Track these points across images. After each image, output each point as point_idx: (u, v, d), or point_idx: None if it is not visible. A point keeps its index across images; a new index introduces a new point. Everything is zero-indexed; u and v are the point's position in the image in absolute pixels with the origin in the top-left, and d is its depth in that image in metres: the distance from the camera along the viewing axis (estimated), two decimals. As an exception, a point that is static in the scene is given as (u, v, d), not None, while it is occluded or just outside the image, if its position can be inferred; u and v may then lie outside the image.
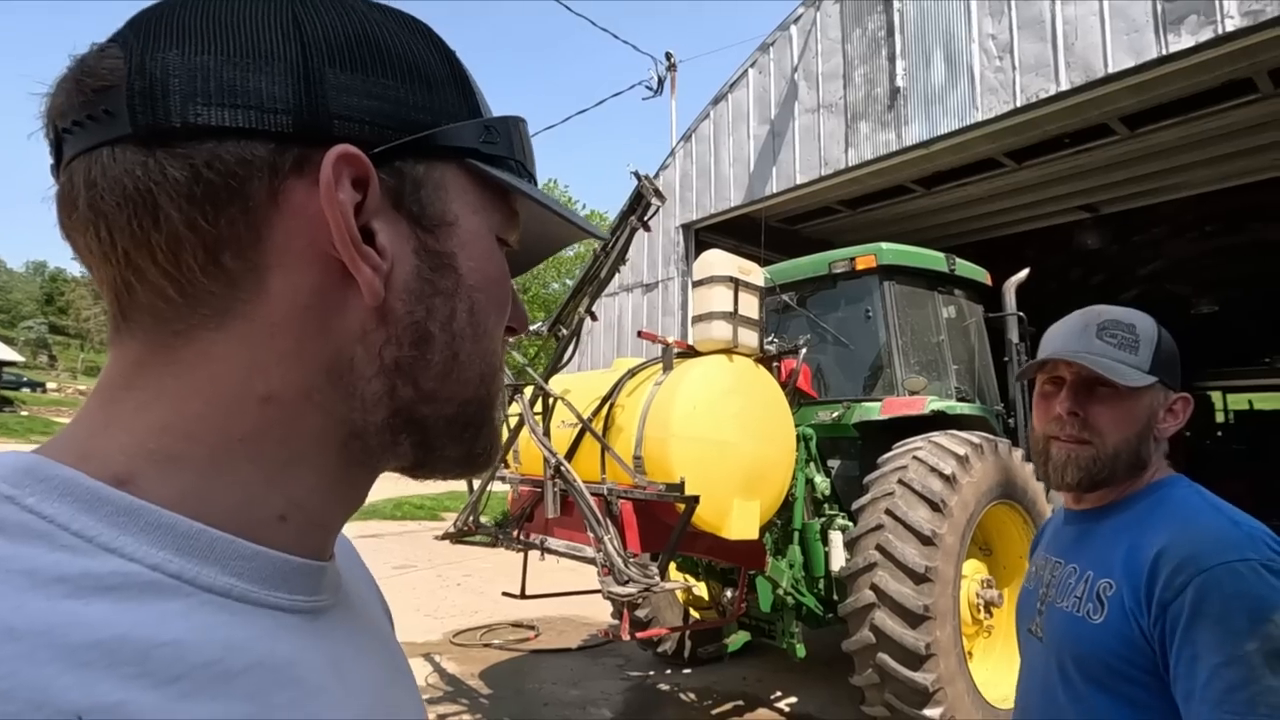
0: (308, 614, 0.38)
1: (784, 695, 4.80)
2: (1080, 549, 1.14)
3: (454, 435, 0.43)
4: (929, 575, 3.38)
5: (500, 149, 0.42)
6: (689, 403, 3.23)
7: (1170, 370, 1.11)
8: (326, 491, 0.40)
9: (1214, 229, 11.32)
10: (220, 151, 0.34)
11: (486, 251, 0.43)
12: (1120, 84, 5.60)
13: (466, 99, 0.42)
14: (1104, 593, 1.03)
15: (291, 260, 0.36)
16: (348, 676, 0.39)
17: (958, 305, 5.14)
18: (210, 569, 0.34)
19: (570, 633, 6.12)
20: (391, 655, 0.48)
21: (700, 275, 3.54)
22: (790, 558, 4.12)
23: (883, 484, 3.69)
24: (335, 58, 0.37)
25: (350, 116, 0.36)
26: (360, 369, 0.38)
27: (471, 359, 0.42)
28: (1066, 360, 1.13)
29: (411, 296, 0.39)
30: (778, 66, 8.27)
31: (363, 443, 0.40)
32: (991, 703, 3.64)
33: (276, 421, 0.37)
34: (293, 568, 0.38)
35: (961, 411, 4.45)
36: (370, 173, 0.37)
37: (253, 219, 0.35)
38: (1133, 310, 1.15)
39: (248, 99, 0.34)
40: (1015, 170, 7.85)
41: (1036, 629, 1.17)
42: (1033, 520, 4.15)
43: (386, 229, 0.38)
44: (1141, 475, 1.12)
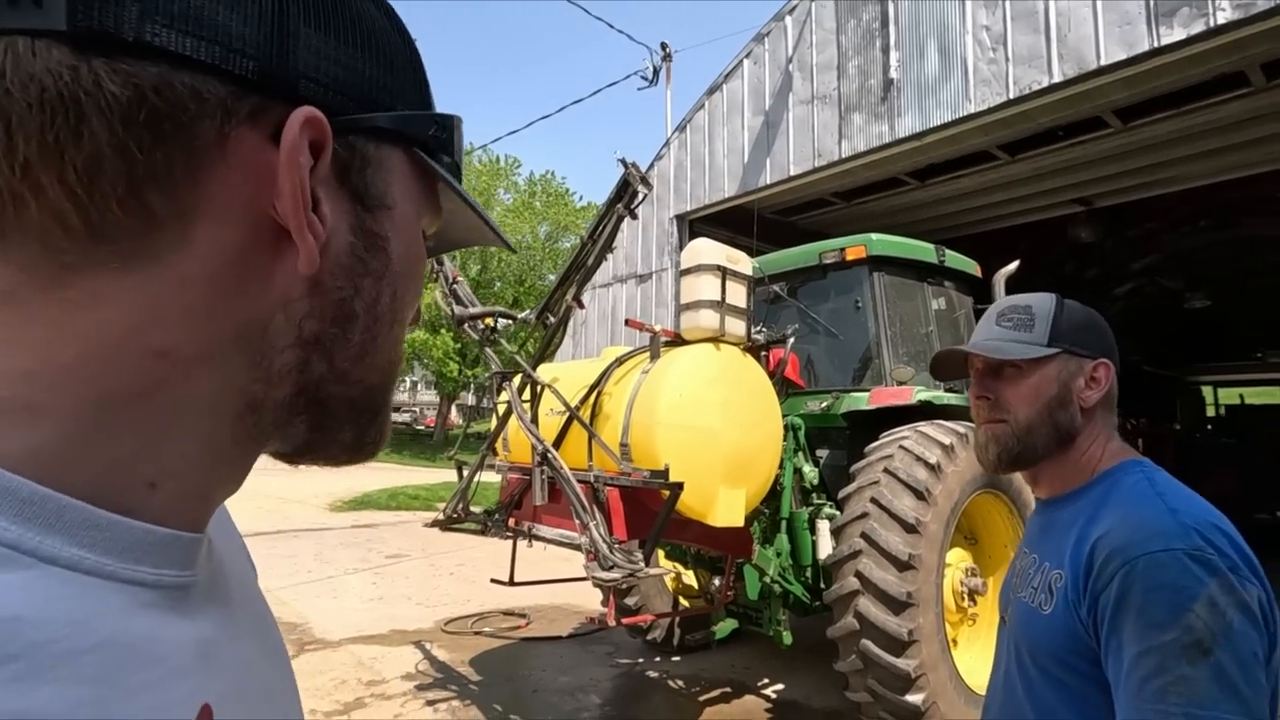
0: (173, 589, 0.35)
1: (771, 682, 4.85)
2: (1042, 539, 1.15)
3: (352, 418, 0.42)
4: (912, 563, 3.41)
5: (442, 145, 0.42)
6: (675, 391, 3.24)
7: (1080, 338, 1.13)
8: (208, 463, 0.37)
9: (1206, 223, 11.34)
10: (173, 79, 0.31)
11: (414, 239, 0.43)
12: (1113, 76, 5.61)
13: (421, 88, 0.42)
14: (1054, 584, 1.04)
15: (224, 212, 0.34)
16: (216, 655, 0.36)
17: (947, 296, 5.15)
18: (54, 539, 0.30)
19: (561, 621, 6.16)
20: (265, 633, 0.46)
21: (688, 264, 3.55)
22: (778, 546, 4.16)
23: (869, 473, 3.71)
24: (311, 15, 0.35)
25: (317, 79, 0.35)
26: (274, 338, 0.37)
27: (385, 344, 0.41)
28: (967, 351, 1.20)
29: (342, 272, 0.38)
30: (772, 57, 8.25)
31: (258, 417, 0.37)
32: (974, 689, 3.68)
33: (166, 380, 0.33)
34: (156, 539, 0.34)
35: (948, 402, 4.47)
36: (328, 140, 0.36)
37: (193, 161, 0.32)
38: (1034, 294, 1.20)
39: (214, 32, 0.32)
40: (1009, 163, 7.85)
41: (1006, 616, 1.19)
42: (1018, 510, 4.18)
43: (330, 200, 0.37)
44: (1078, 451, 1.13)
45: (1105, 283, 14.25)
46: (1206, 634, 0.83)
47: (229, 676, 0.37)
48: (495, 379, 3.86)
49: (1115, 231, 10.72)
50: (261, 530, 10.37)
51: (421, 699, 4.46)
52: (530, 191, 29.22)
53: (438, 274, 4.09)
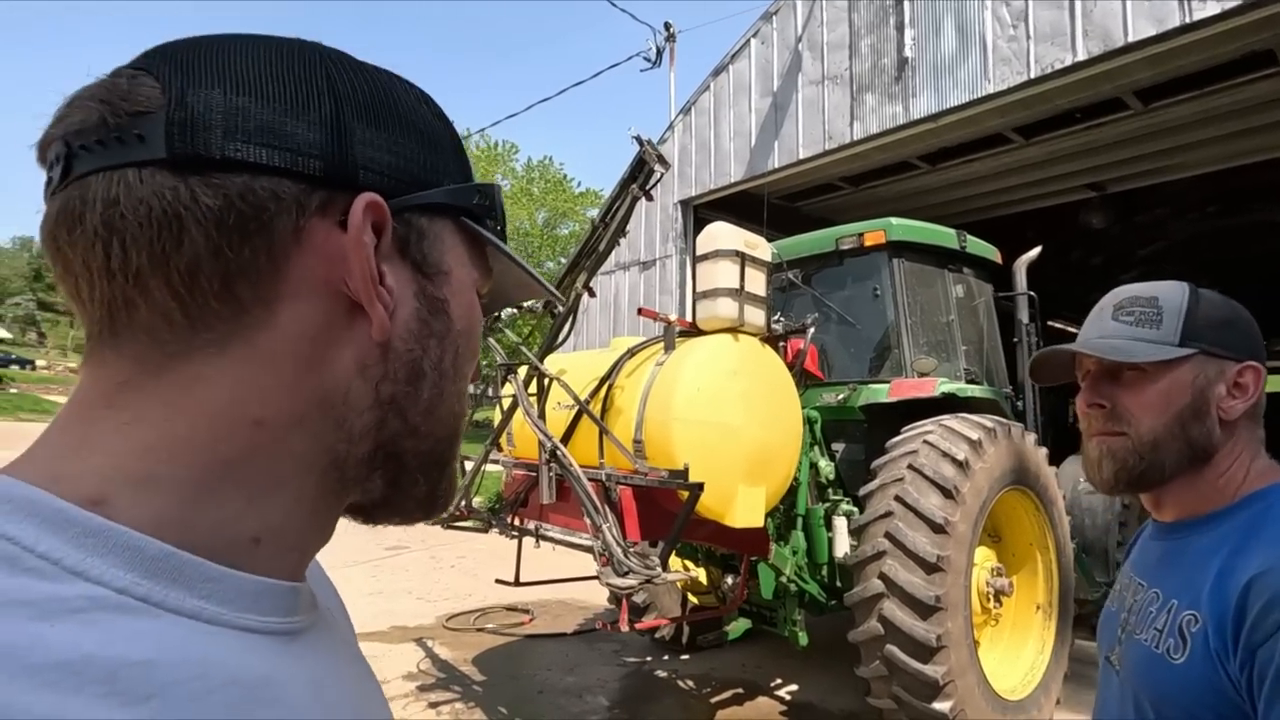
0: (283, 635, 0.39)
1: (784, 683, 4.71)
2: (1164, 571, 0.97)
3: (425, 471, 0.45)
4: (940, 564, 3.25)
5: (486, 211, 0.46)
6: (692, 384, 3.06)
7: (1220, 336, 0.95)
8: (302, 517, 0.41)
9: (1215, 209, 11.15)
10: (255, 185, 0.36)
11: (470, 302, 0.47)
12: (1139, 54, 5.39)
13: (462, 163, 0.46)
14: (1187, 627, 0.86)
15: (303, 293, 0.38)
16: (325, 695, 0.40)
17: (967, 284, 4.97)
18: (178, 591, 0.34)
19: (566, 617, 6.01)
20: (364, 675, 0.49)
21: (705, 249, 3.35)
22: (794, 544, 3.99)
23: (892, 469, 3.54)
24: (362, 114, 0.40)
25: (372, 168, 0.40)
26: (355, 401, 0.41)
27: (450, 399, 0.45)
28: (1084, 353, 1.01)
29: (411, 336, 0.42)
30: (781, 36, 7.99)
31: (341, 473, 0.41)
32: (1001, 694, 3.54)
33: (265, 446, 0.38)
34: (263, 589, 0.38)
35: (972, 394, 4.30)
36: (388, 220, 0.40)
37: (274, 252, 0.37)
38: (1161, 282, 1.01)
39: (285, 141, 0.37)
40: (1023, 146, 7.64)
41: (1115, 660, 1.01)
42: (1044, 507, 4.02)
43: (394, 272, 0.41)
44: (1214, 471, 0.94)
45: (1111, 270, 14.06)
46: None
47: (338, 714, 0.41)
48: (499, 371, 3.67)
49: (1125, 217, 10.52)
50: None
51: (423, 700, 4.31)
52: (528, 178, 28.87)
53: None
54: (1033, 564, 4.08)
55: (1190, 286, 0.99)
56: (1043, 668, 3.88)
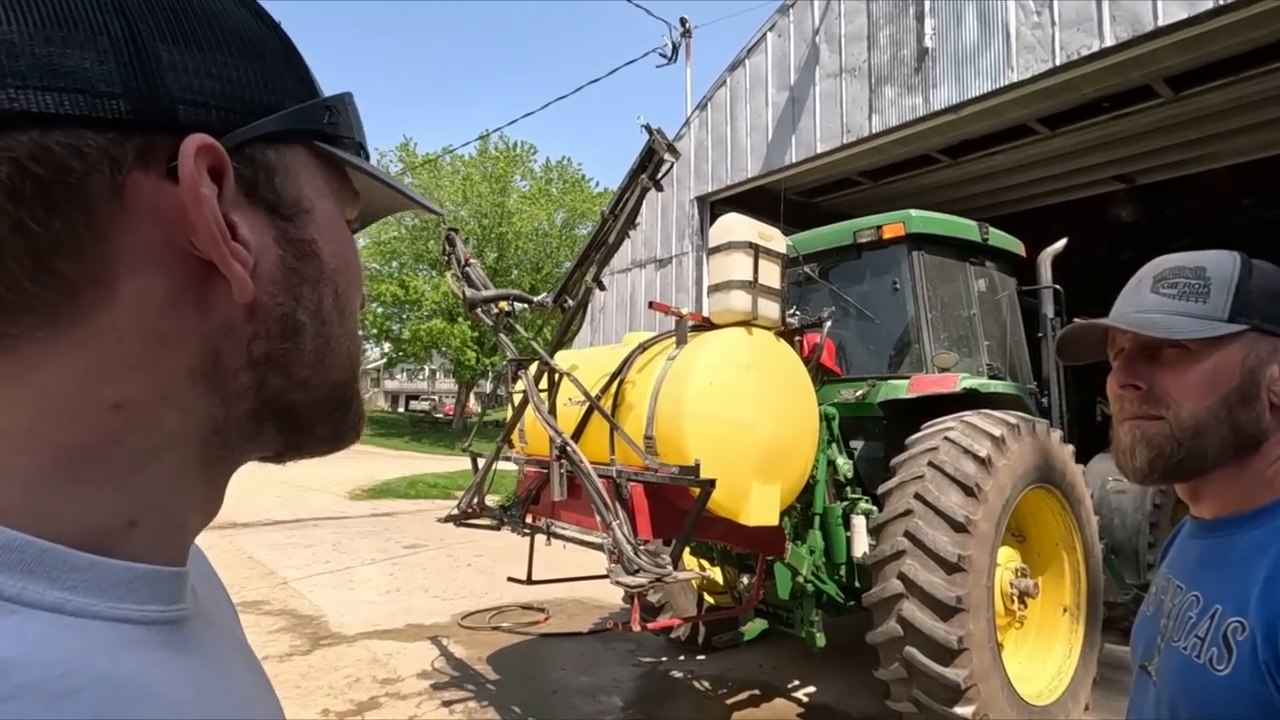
0: (163, 625, 0.36)
1: (801, 684, 4.62)
2: (1205, 573, 0.88)
3: (323, 416, 0.42)
4: (961, 564, 3.15)
5: (342, 128, 0.41)
6: (704, 378, 2.99)
7: (1275, 311, 0.85)
8: (182, 491, 0.38)
9: (1250, 201, 10.81)
10: (46, 142, 0.30)
11: (341, 234, 0.42)
12: (1169, 39, 5.22)
13: (302, 76, 0.40)
14: (1233, 635, 0.78)
15: (142, 261, 0.33)
16: (208, 689, 0.37)
17: (990, 277, 4.84)
18: (37, 584, 0.31)
19: (581, 616, 5.97)
20: (252, 666, 0.46)
21: (717, 241, 3.28)
22: (811, 543, 3.91)
23: (911, 466, 3.45)
24: (166, 30, 0.33)
25: (195, 100, 0.34)
26: (226, 365, 0.37)
27: (339, 342, 0.42)
28: (1119, 328, 0.91)
29: (278, 288, 0.38)
30: (798, 29, 7.89)
31: (222, 438, 0.38)
32: (1026, 699, 3.43)
33: (128, 427, 0.35)
34: (139, 575, 0.35)
35: (995, 390, 4.18)
36: (226, 163, 0.35)
37: (94, 219, 0.32)
38: (1207, 251, 0.91)
39: (71, 80, 0.30)
40: (1048, 138, 7.45)
41: (1152, 670, 0.92)
42: (1070, 505, 3.90)
43: (246, 220, 0.37)
44: (1260, 456, 0.85)
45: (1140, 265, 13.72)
46: None
47: (222, 710, 0.38)
48: (510, 366, 3.63)
49: (1154, 211, 10.25)
50: (280, 519, 10.32)
51: (437, 699, 4.29)
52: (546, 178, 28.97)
53: (449, 256, 3.86)
54: (1059, 565, 3.96)
55: (1241, 255, 0.89)
56: (1070, 672, 3.76)
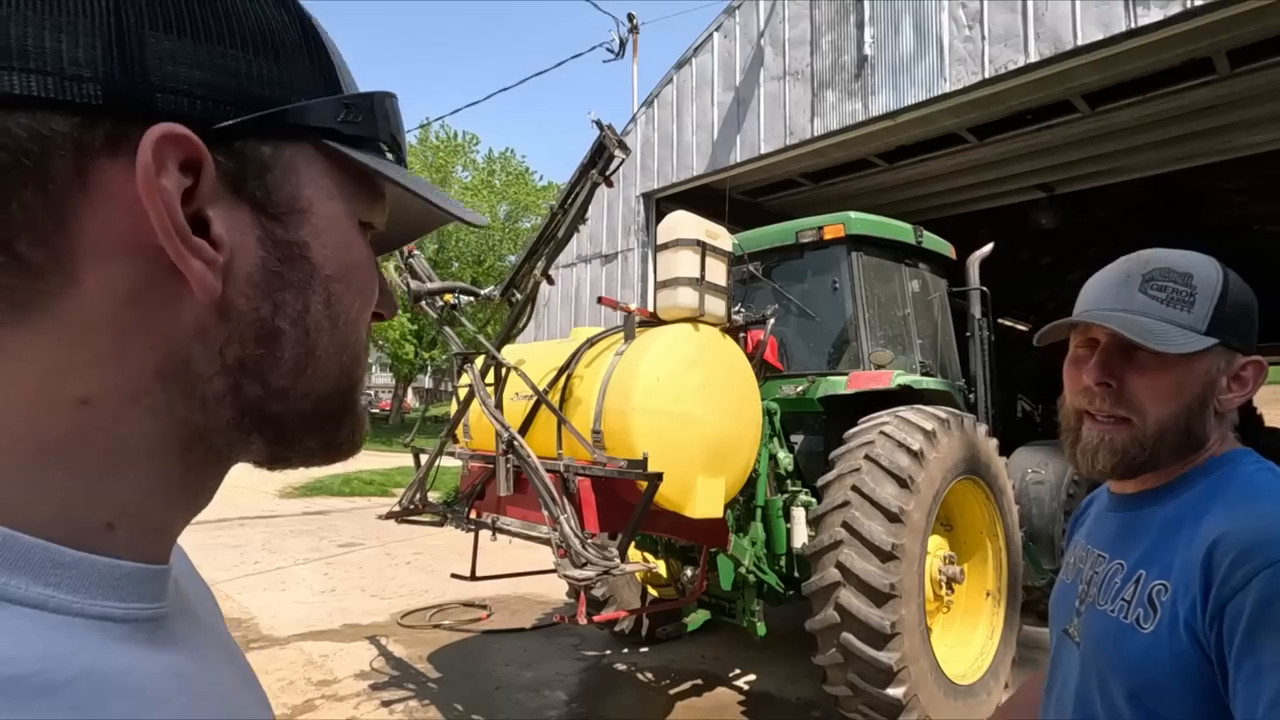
0: (144, 622, 0.35)
1: (742, 673, 4.73)
2: (1127, 541, 0.96)
3: (311, 428, 0.40)
4: (896, 553, 3.29)
5: (362, 128, 0.39)
6: (652, 374, 3.03)
7: (1237, 328, 0.90)
8: (163, 496, 0.37)
9: (1156, 212, 11.63)
10: (9, 124, 0.30)
11: (345, 238, 0.40)
12: (1086, 58, 5.55)
13: (323, 70, 0.38)
14: (1156, 596, 0.86)
15: (108, 251, 0.32)
16: (193, 685, 0.37)
17: (923, 278, 5.05)
18: (21, 579, 0.31)
19: (524, 612, 5.94)
20: (236, 661, 0.46)
21: (665, 238, 3.32)
22: (752, 535, 4.01)
23: (849, 460, 3.58)
24: (159, 17, 0.32)
25: (177, 89, 0.32)
26: (198, 369, 0.35)
27: (329, 353, 0.39)
28: (1109, 327, 0.92)
29: (256, 291, 0.36)
30: (743, 31, 8.01)
31: (206, 444, 0.37)
32: (952, 679, 3.61)
33: (96, 426, 0.33)
34: (123, 574, 0.35)
35: (927, 386, 4.38)
36: (203, 155, 0.33)
37: (55, 204, 0.31)
38: (1193, 254, 0.94)
39: (44, 62, 0.30)
40: (977, 146, 7.82)
41: (1074, 631, 1.00)
42: (994, 496, 4.12)
43: (224, 217, 0.35)
44: (1196, 453, 0.94)
45: (1058, 269, 14.58)
46: None
47: (207, 706, 0.38)
48: (456, 360, 3.58)
49: (1072, 219, 10.88)
50: (204, 519, 9.84)
51: (376, 699, 4.20)
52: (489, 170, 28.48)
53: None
54: (983, 552, 4.18)
55: (1222, 265, 0.93)
56: (992, 652, 3.98)
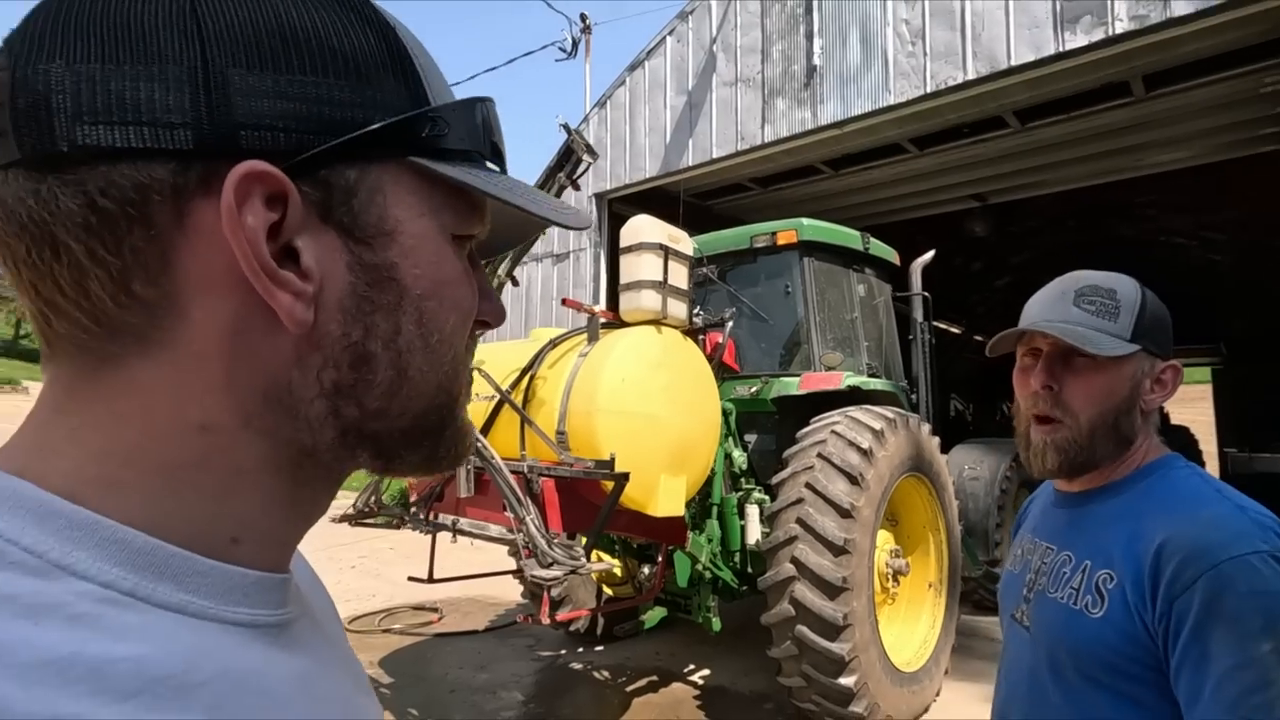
0: (270, 628, 0.38)
1: (697, 668, 4.82)
2: (1074, 535, 1.07)
3: (411, 445, 0.41)
4: (847, 547, 3.43)
5: (451, 140, 0.39)
6: (617, 375, 3.07)
7: (1156, 336, 1.04)
8: (279, 511, 0.39)
9: (1075, 224, 12.40)
10: (115, 176, 0.31)
11: (436, 255, 0.40)
12: (1019, 77, 5.89)
13: (410, 85, 0.38)
14: (1104, 584, 0.96)
15: (209, 286, 0.34)
16: (314, 688, 0.39)
17: (869, 283, 5.26)
18: (165, 585, 0.33)
19: (476, 614, 5.88)
20: (352, 666, 0.47)
21: (629, 241, 3.37)
22: (709, 532, 4.10)
23: (803, 458, 3.70)
24: (241, 55, 0.33)
25: (260, 124, 0.33)
26: (299, 392, 0.37)
27: (423, 372, 0.40)
28: (1041, 331, 1.06)
29: (347, 316, 0.37)
30: (696, 36, 8.13)
31: (314, 460, 0.39)
32: (898, 667, 3.79)
33: (217, 449, 0.35)
34: (251, 582, 0.37)
35: (874, 387, 4.56)
36: (287, 188, 0.34)
37: (159, 246, 0.33)
38: (1115, 274, 1.08)
39: (139, 113, 0.31)
40: (917, 157, 8.16)
41: (1023, 617, 1.10)
42: (937, 492, 4.34)
43: (313, 246, 0.35)
44: (1129, 451, 1.05)
45: (988, 275, 15.35)
46: None
47: (328, 708, 0.39)
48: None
49: (1000, 227, 11.49)
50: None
51: (326, 707, 4.10)
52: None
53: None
54: (925, 545, 4.39)
55: (1140, 284, 1.06)
56: (934, 641, 4.19)
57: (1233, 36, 5.38)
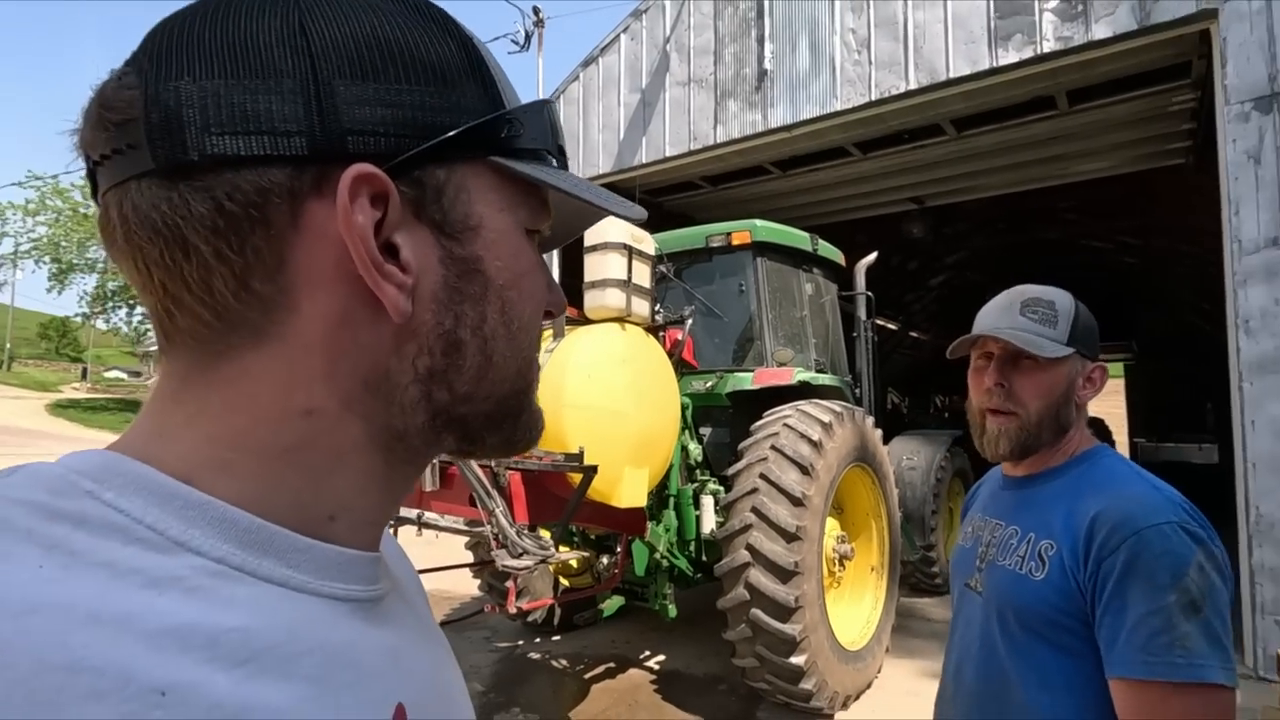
0: (364, 602, 0.40)
1: (653, 654, 4.97)
2: (1020, 513, 1.24)
3: (493, 427, 0.44)
4: (799, 534, 3.63)
5: (525, 140, 0.41)
6: (584, 371, 3.17)
7: (1087, 342, 1.23)
8: (373, 491, 0.41)
9: (1004, 226, 13.09)
10: (239, 181, 0.34)
11: (514, 248, 0.42)
12: (956, 89, 6.22)
13: (487, 90, 0.41)
14: (1045, 552, 1.13)
15: (319, 281, 0.37)
16: (403, 660, 0.41)
17: (817, 283, 5.49)
18: (270, 561, 0.35)
19: (431, 608, 5.88)
20: (439, 640, 0.50)
21: (594, 241, 3.46)
22: (666, 522, 4.24)
23: (757, 450, 3.88)
24: (345, 67, 0.36)
25: (364, 130, 0.36)
26: (396, 379, 0.39)
27: (506, 358, 0.42)
28: (993, 336, 1.23)
29: (440, 306, 0.39)
30: (650, 35, 8.23)
31: (405, 443, 0.41)
32: (844, 646, 4.02)
33: (319, 432, 0.38)
34: (346, 559, 0.39)
35: (823, 382, 4.79)
36: (389, 188, 0.37)
37: (276, 245, 0.36)
38: (1052, 288, 1.26)
39: (259, 123, 0.34)
40: (860, 160, 8.48)
41: (976, 584, 1.27)
42: (879, 481, 4.59)
43: (410, 242, 0.38)
44: (1065, 439, 1.23)
45: (923, 274, 16.00)
46: (1199, 595, 0.96)
47: (416, 681, 0.42)
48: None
49: (936, 229, 12.03)
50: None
51: (282, 705, 4.06)
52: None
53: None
54: (869, 531, 4.65)
55: (1074, 297, 1.24)
56: (876, 620, 4.45)
57: (1145, 59, 5.83)
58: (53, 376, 49.96)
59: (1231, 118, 4.88)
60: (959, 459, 6.91)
